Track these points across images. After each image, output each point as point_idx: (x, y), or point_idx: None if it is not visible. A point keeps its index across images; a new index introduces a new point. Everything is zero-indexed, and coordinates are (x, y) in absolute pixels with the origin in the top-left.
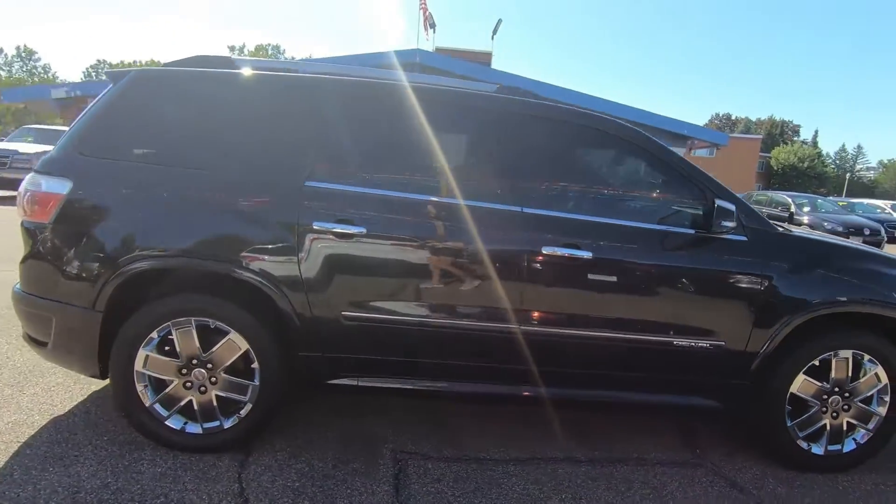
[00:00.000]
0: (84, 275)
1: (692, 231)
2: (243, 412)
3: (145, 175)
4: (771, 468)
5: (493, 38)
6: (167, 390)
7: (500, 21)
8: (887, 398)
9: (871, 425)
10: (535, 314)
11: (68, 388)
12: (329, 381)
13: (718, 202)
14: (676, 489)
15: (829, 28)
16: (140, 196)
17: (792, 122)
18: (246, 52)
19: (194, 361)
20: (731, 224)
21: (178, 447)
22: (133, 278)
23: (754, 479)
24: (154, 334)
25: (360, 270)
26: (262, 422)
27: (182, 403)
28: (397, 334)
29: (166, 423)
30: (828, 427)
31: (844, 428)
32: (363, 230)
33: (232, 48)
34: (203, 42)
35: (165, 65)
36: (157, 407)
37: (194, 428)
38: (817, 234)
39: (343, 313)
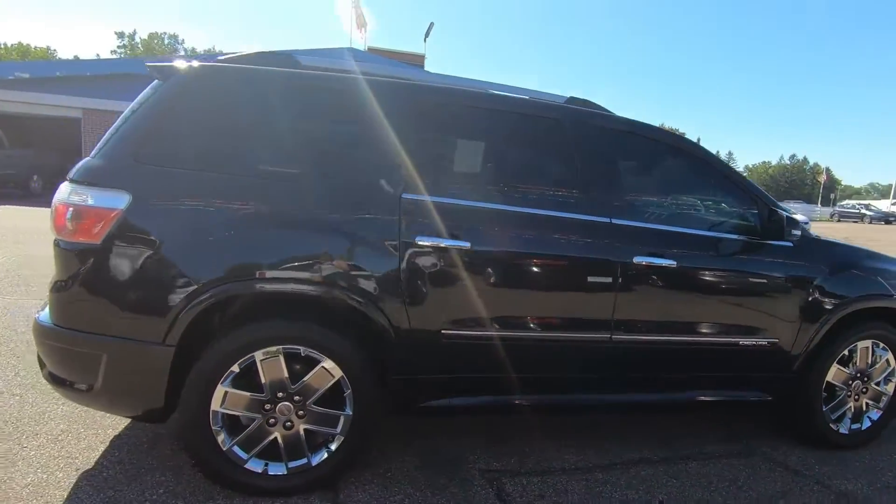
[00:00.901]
0: (151, 305)
1: (751, 238)
2: (333, 446)
3: (218, 187)
4: (806, 450)
5: (425, 40)
6: (248, 430)
7: (431, 24)
8: (893, 379)
9: (881, 404)
10: (628, 323)
11: (78, 434)
12: (426, 404)
13: (784, 213)
14: (748, 478)
15: (706, 35)
16: (214, 211)
17: (678, 129)
18: (138, 38)
19: (280, 394)
20: (798, 232)
21: (259, 492)
22: (213, 306)
23: (800, 461)
24: (235, 367)
25: (463, 286)
26: (356, 455)
27: (265, 443)
28: (496, 350)
29: (246, 466)
30: (852, 409)
31: (864, 409)
32: (468, 245)
33: (120, 34)
34: (88, 28)
35: (223, 61)
36: (236, 449)
37: (278, 468)
38: (838, 239)
39: (442, 332)
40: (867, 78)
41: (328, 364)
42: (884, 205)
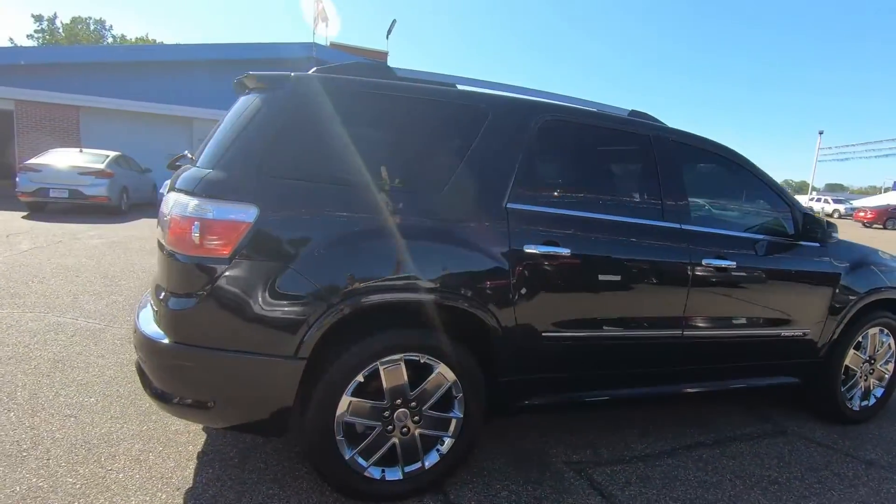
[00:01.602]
0: (282, 319)
1: (789, 240)
2: (444, 448)
3: (339, 199)
4: (826, 426)
5: (387, 37)
6: (370, 437)
7: (394, 21)
8: (893, 360)
9: (884, 383)
10: (695, 319)
11: (159, 453)
12: (524, 403)
13: (823, 216)
14: (791, 454)
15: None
16: (339, 223)
17: None
18: (59, 23)
19: (398, 401)
20: (837, 235)
21: (378, 498)
22: (343, 318)
23: (825, 436)
24: (360, 377)
25: (563, 290)
26: (464, 456)
27: (384, 450)
28: (589, 349)
29: (365, 474)
30: (862, 388)
31: (871, 387)
32: (567, 251)
33: (38, 17)
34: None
35: (323, 71)
36: (358, 458)
37: (394, 474)
38: (847, 239)
39: (544, 334)
40: (779, 79)
41: (443, 369)
42: (802, 200)
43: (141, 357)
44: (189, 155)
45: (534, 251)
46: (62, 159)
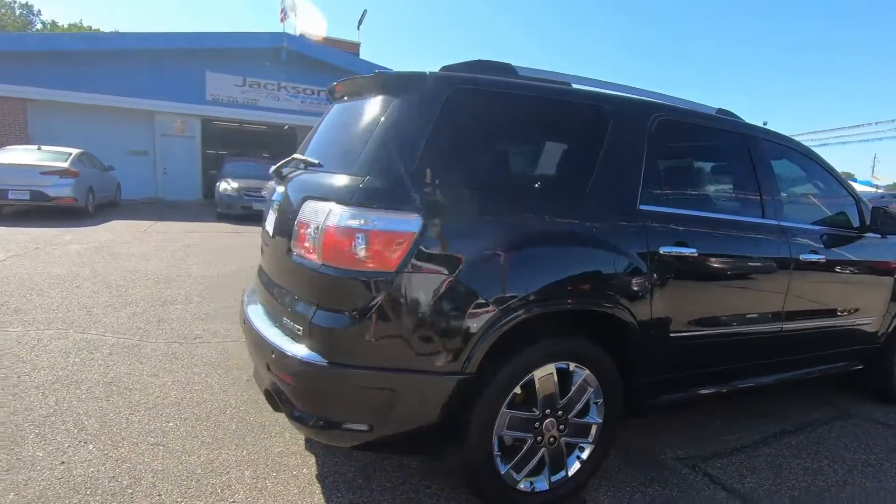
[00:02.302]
0: (450, 333)
1: (858, 233)
2: (584, 454)
3: (493, 206)
4: (882, 407)
5: (358, 28)
6: (524, 450)
7: (365, 11)
8: None
9: None
10: (793, 313)
11: (276, 479)
12: (652, 403)
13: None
14: (863, 436)
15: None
16: (499, 230)
17: None
18: None
19: (548, 411)
20: None
21: None
22: (511, 329)
23: (886, 417)
24: (517, 388)
25: (691, 289)
26: (602, 461)
27: (535, 461)
28: (711, 345)
29: (518, 487)
30: None
31: None
32: (694, 251)
33: None
34: None
35: (454, 69)
36: (512, 472)
37: (542, 484)
38: None
39: (671, 334)
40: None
41: (588, 376)
42: None
43: (282, 379)
44: (313, 160)
45: (668, 252)
46: (20, 158)
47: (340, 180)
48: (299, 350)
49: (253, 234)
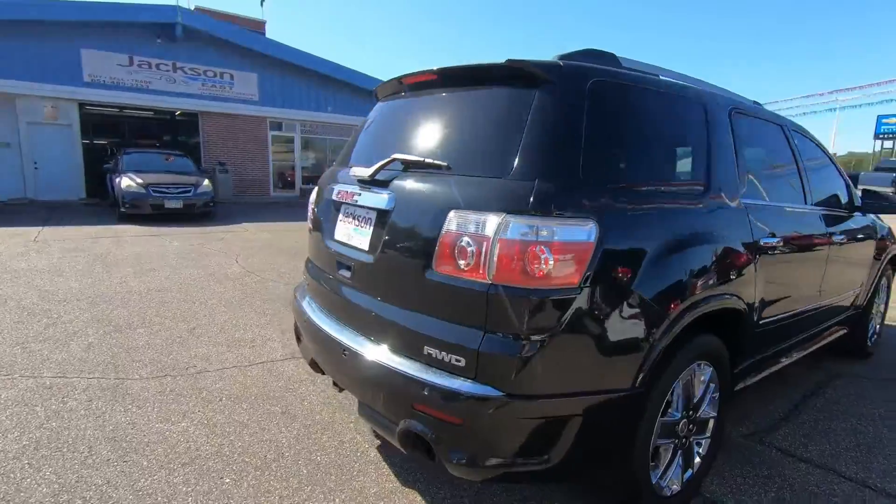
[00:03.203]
0: (633, 346)
1: (849, 212)
2: (702, 449)
3: (653, 205)
4: (860, 364)
5: (262, 5)
6: (668, 456)
7: None
8: (885, 299)
9: (879, 320)
10: (827, 288)
11: None
12: (739, 388)
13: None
14: (859, 391)
15: None
16: (663, 231)
17: None
18: None
19: (687, 413)
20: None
21: None
22: (677, 337)
23: (869, 371)
24: (669, 396)
25: (780, 277)
26: (716, 454)
27: (675, 464)
28: (782, 327)
29: (663, 493)
30: (875, 327)
31: (876, 327)
32: (780, 241)
33: None
34: None
35: (560, 58)
36: (661, 482)
37: (677, 486)
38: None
39: (762, 319)
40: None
41: (712, 372)
42: None
43: (443, 419)
44: (439, 162)
45: (766, 242)
46: None
47: (499, 187)
48: (464, 385)
49: (170, 236)
